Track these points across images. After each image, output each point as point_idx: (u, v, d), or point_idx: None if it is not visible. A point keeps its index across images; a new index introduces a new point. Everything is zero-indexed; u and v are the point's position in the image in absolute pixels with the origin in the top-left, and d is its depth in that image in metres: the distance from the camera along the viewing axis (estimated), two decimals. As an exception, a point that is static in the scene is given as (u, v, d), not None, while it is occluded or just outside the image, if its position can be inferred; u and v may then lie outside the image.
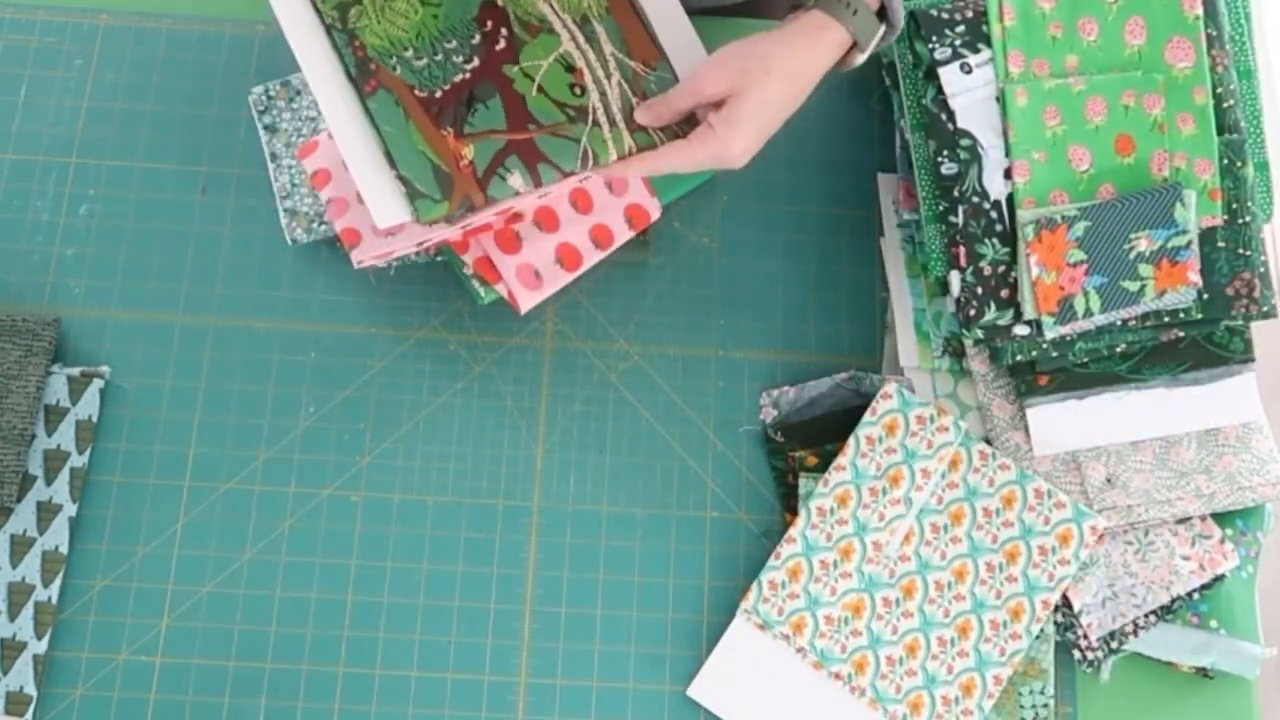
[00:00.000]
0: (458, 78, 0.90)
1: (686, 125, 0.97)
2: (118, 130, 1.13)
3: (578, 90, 0.90)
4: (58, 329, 1.05)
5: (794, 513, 1.04)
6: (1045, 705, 0.98)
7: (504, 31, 0.91)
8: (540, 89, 0.90)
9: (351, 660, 1.01)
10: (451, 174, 0.89)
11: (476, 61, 0.91)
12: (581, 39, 0.91)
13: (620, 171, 0.95)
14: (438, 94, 0.90)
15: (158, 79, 1.15)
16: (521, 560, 1.04)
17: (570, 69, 0.91)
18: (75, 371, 1.04)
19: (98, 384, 1.04)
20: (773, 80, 0.94)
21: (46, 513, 1.01)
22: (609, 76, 0.91)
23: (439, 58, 0.90)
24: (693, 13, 1.20)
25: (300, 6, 0.91)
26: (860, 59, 0.98)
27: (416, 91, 0.90)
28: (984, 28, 1.03)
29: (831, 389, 1.08)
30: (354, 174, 0.88)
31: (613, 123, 0.90)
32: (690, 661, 1.01)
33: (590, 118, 0.90)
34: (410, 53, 0.91)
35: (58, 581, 0.99)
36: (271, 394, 1.07)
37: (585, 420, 1.07)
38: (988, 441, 1.05)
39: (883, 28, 0.97)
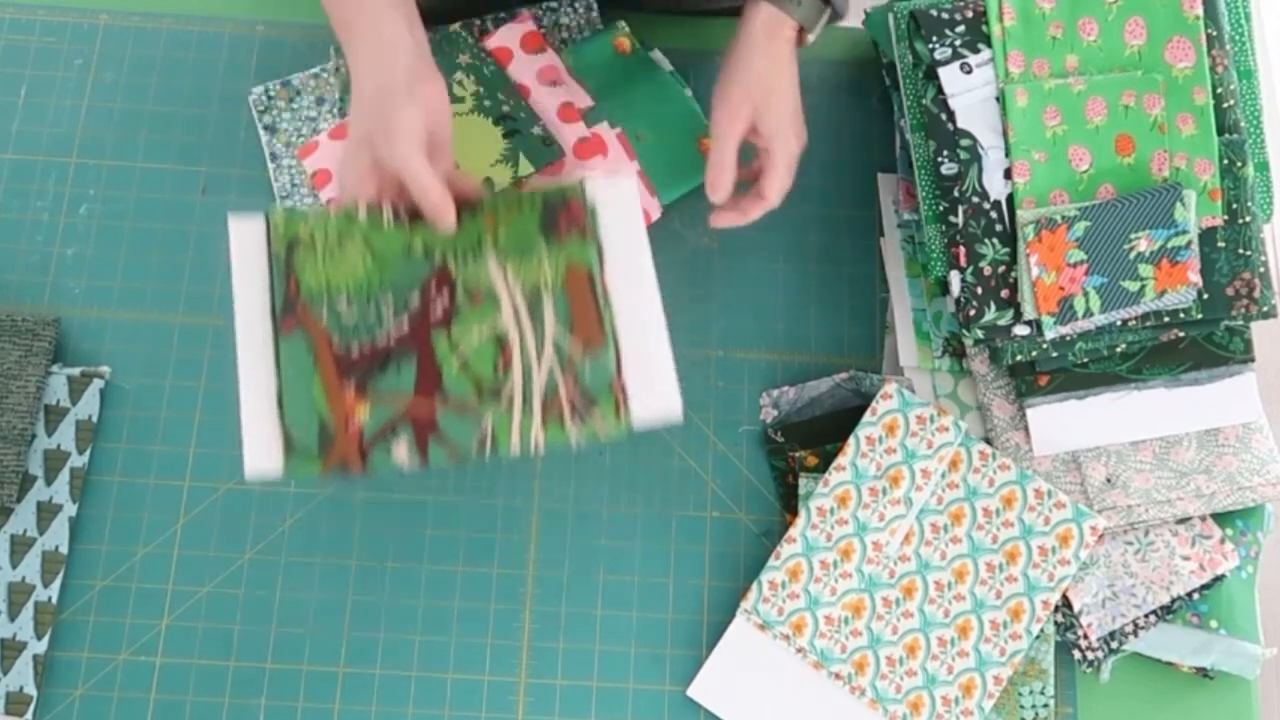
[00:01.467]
0: (380, 339, 0.87)
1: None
2: (117, 130, 1.13)
3: (501, 370, 0.86)
4: (58, 329, 1.05)
5: (794, 513, 1.04)
6: (1045, 705, 0.98)
7: (445, 296, 0.88)
8: (463, 364, 0.87)
9: (351, 660, 1.00)
10: (336, 435, 0.86)
11: (405, 325, 0.87)
12: (524, 313, 0.87)
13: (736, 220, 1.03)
14: (354, 353, 0.87)
15: (157, 79, 1.15)
16: (521, 560, 1.04)
17: (500, 344, 0.87)
18: (75, 371, 1.04)
19: (98, 384, 1.04)
20: (778, 94, 1.00)
21: (46, 513, 1.01)
22: (539, 358, 0.87)
23: (370, 313, 0.87)
24: (694, 14, 1.20)
25: (253, 238, 0.89)
26: (810, 40, 1.03)
27: (333, 343, 0.87)
28: (984, 28, 1.03)
29: (831, 389, 1.08)
30: (242, 409, 0.85)
31: (527, 408, 0.86)
32: (690, 661, 1.01)
33: (503, 401, 0.86)
34: (342, 301, 0.88)
35: (58, 581, 0.99)
36: (271, 394, 1.07)
37: (585, 420, 1.07)
38: (988, 441, 1.05)
39: (827, 11, 1.02)
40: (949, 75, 1.02)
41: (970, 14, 1.03)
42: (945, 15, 1.04)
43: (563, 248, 0.89)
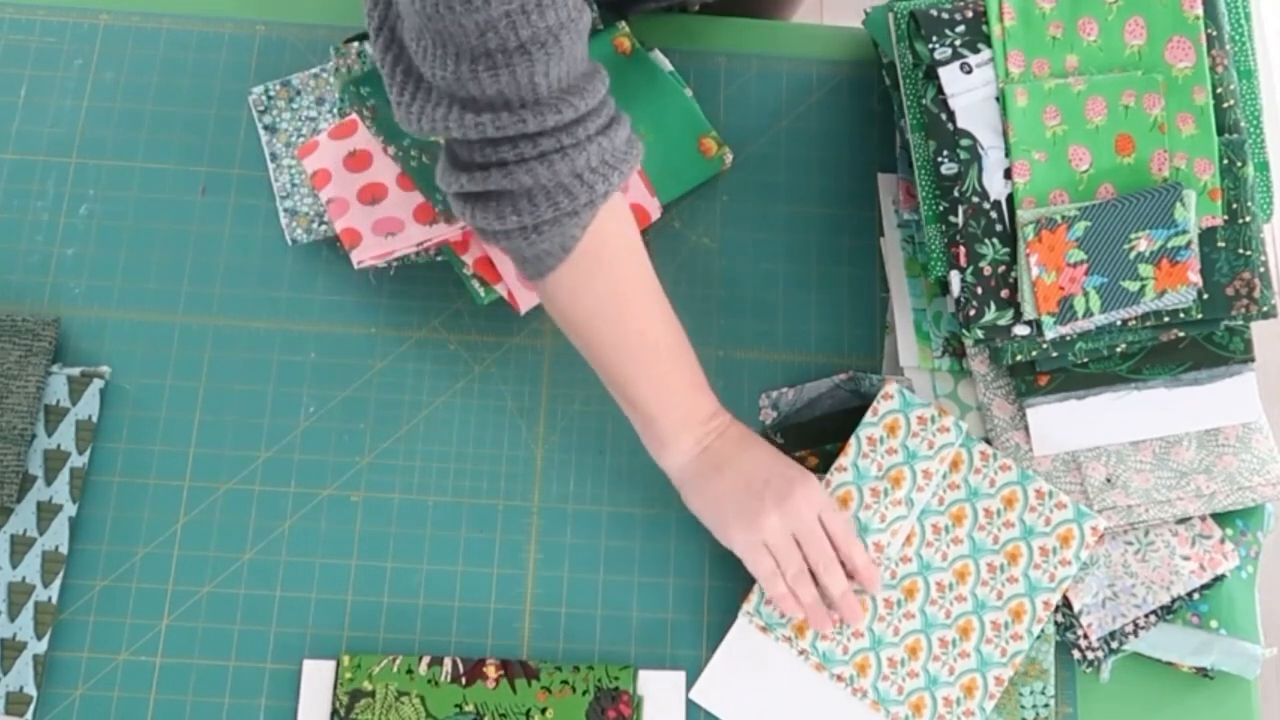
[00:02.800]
0: None
1: None
2: (118, 130, 1.13)
3: None
4: (58, 329, 1.05)
5: (794, 513, 1.04)
6: (1046, 705, 0.98)
7: None
8: None
9: (351, 660, 1.01)
10: None
11: None
12: None
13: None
14: None
15: (157, 79, 1.15)
16: (521, 560, 1.04)
17: None
18: (75, 371, 1.04)
19: (98, 384, 1.04)
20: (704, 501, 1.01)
21: (46, 513, 1.01)
22: None
23: None
24: (694, 11, 1.20)
25: (322, 680, 0.98)
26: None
27: None
28: (984, 28, 1.03)
29: (831, 389, 1.08)
30: None
31: None
32: (690, 661, 1.01)
33: None
34: None
35: (58, 581, 0.99)
36: (271, 394, 1.07)
37: (585, 420, 1.07)
38: (988, 442, 1.05)
39: None
40: (949, 75, 1.02)
41: (970, 14, 1.03)
42: (945, 15, 1.04)
43: None
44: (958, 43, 1.03)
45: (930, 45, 1.03)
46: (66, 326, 1.07)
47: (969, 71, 1.02)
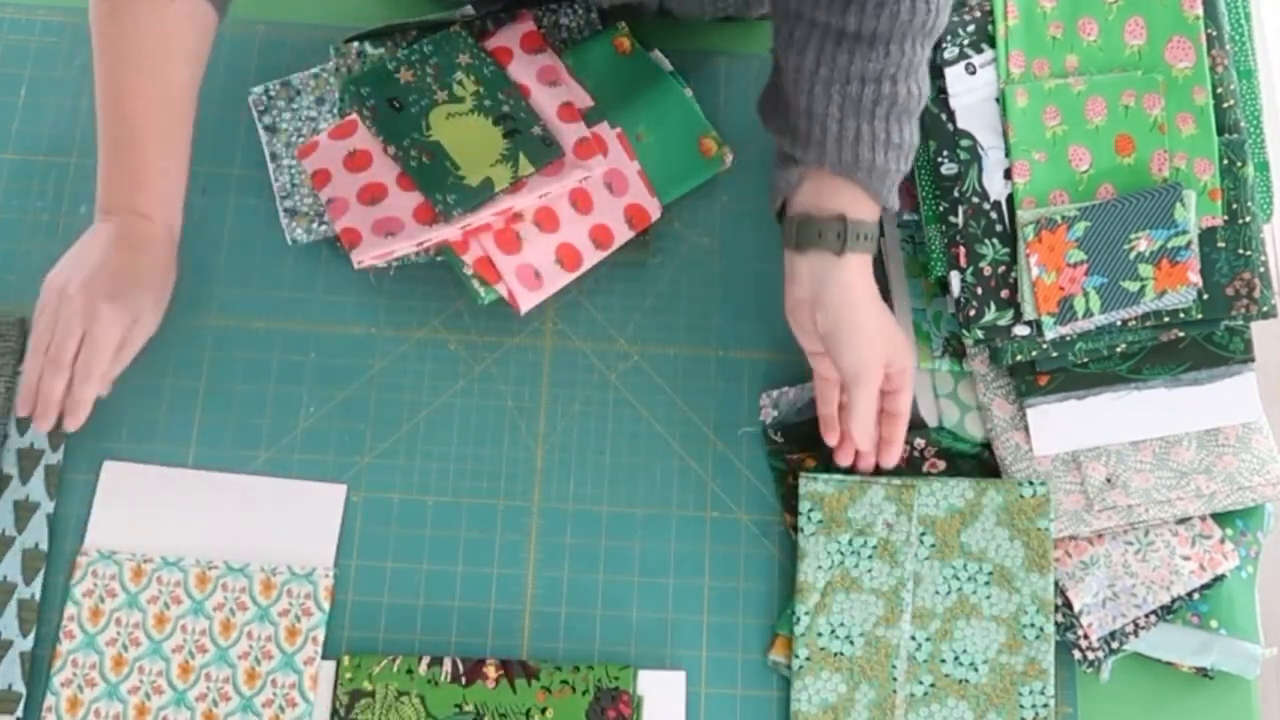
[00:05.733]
0: None
1: None
2: (118, 130, 1.13)
3: None
4: (23, 328, 1.04)
5: (794, 513, 1.04)
6: (1045, 705, 0.98)
7: None
8: None
9: (351, 660, 1.00)
10: None
11: None
12: None
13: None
14: None
15: (158, 79, 1.15)
16: (521, 560, 1.04)
17: None
18: None
19: None
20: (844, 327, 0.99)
21: (24, 511, 1.00)
22: None
23: None
24: (707, 21, 1.20)
25: (324, 680, 0.98)
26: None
27: None
28: (990, 28, 1.03)
29: (831, 389, 1.08)
30: None
31: None
32: (690, 662, 1.01)
33: None
34: None
35: (39, 579, 0.99)
36: (271, 394, 1.07)
37: (585, 420, 1.07)
38: (988, 442, 1.05)
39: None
40: (954, 75, 1.02)
41: (979, 14, 1.04)
42: (956, 16, 1.04)
43: None
44: (965, 42, 1.03)
45: (941, 45, 1.03)
46: (66, 326, 1.07)
47: (973, 73, 1.02)
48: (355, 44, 1.13)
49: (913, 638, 0.99)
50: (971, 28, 1.03)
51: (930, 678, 0.98)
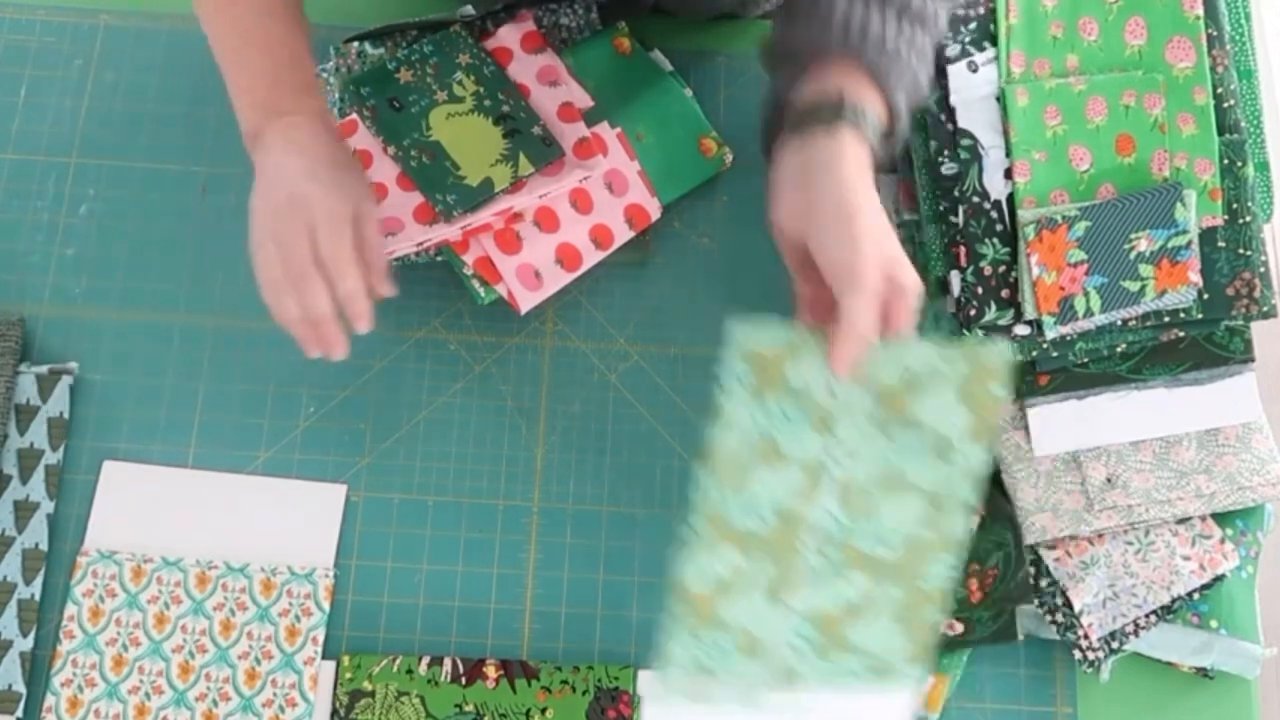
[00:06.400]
0: None
1: None
2: (118, 130, 1.13)
3: None
4: (23, 328, 1.04)
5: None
6: (947, 578, 0.88)
7: None
8: None
9: (351, 660, 1.00)
10: None
11: None
12: None
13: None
14: None
15: (158, 79, 1.15)
16: (521, 560, 1.04)
17: None
18: (44, 369, 1.03)
19: (67, 381, 1.03)
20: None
21: (24, 511, 1.00)
22: None
23: None
24: (706, 20, 1.20)
25: (324, 680, 0.97)
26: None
27: None
28: (992, 26, 1.03)
29: (831, 389, 1.08)
30: None
31: None
32: (690, 661, 1.01)
33: None
34: None
35: (39, 579, 0.99)
36: (271, 394, 1.07)
37: (585, 420, 1.07)
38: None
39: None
40: (956, 72, 1.02)
41: (982, 11, 1.04)
42: (959, 13, 1.04)
43: None
44: (967, 39, 1.03)
45: (944, 43, 1.03)
46: (66, 326, 1.07)
47: (975, 70, 1.02)
48: (355, 44, 1.13)
49: (830, 513, 0.88)
50: (973, 25, 1.03)
51: (840, 555, 0.88)
